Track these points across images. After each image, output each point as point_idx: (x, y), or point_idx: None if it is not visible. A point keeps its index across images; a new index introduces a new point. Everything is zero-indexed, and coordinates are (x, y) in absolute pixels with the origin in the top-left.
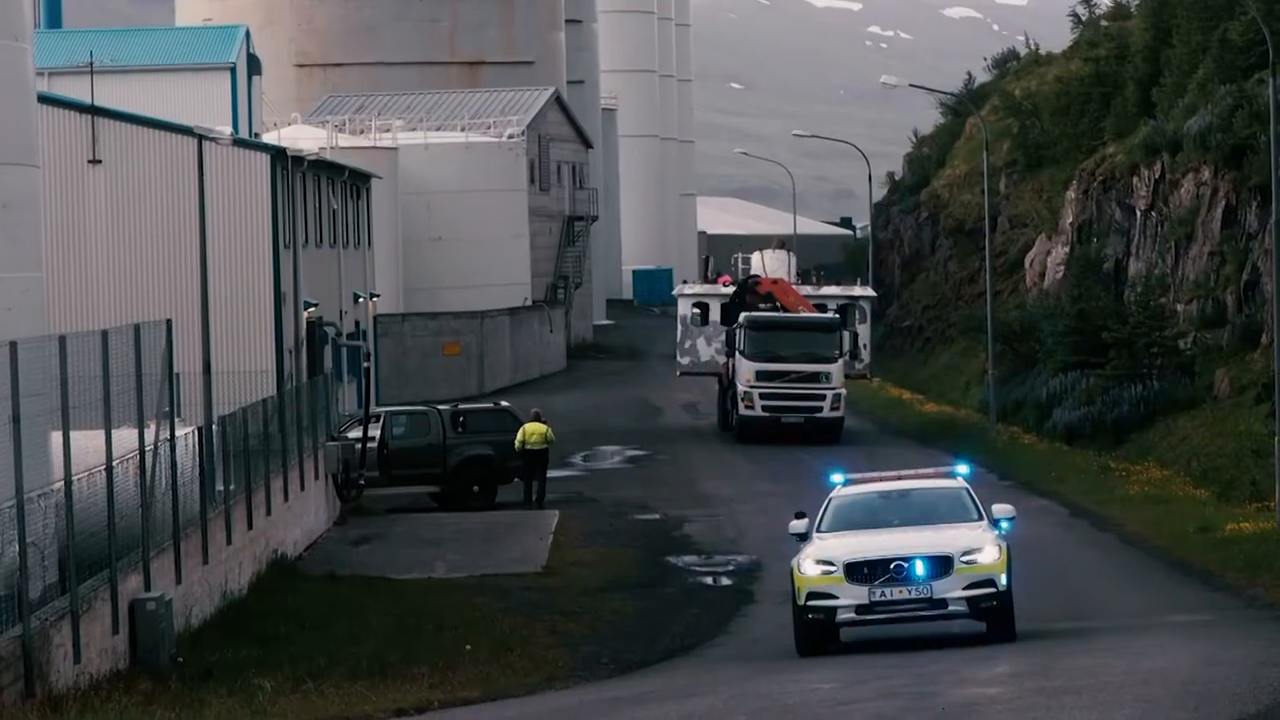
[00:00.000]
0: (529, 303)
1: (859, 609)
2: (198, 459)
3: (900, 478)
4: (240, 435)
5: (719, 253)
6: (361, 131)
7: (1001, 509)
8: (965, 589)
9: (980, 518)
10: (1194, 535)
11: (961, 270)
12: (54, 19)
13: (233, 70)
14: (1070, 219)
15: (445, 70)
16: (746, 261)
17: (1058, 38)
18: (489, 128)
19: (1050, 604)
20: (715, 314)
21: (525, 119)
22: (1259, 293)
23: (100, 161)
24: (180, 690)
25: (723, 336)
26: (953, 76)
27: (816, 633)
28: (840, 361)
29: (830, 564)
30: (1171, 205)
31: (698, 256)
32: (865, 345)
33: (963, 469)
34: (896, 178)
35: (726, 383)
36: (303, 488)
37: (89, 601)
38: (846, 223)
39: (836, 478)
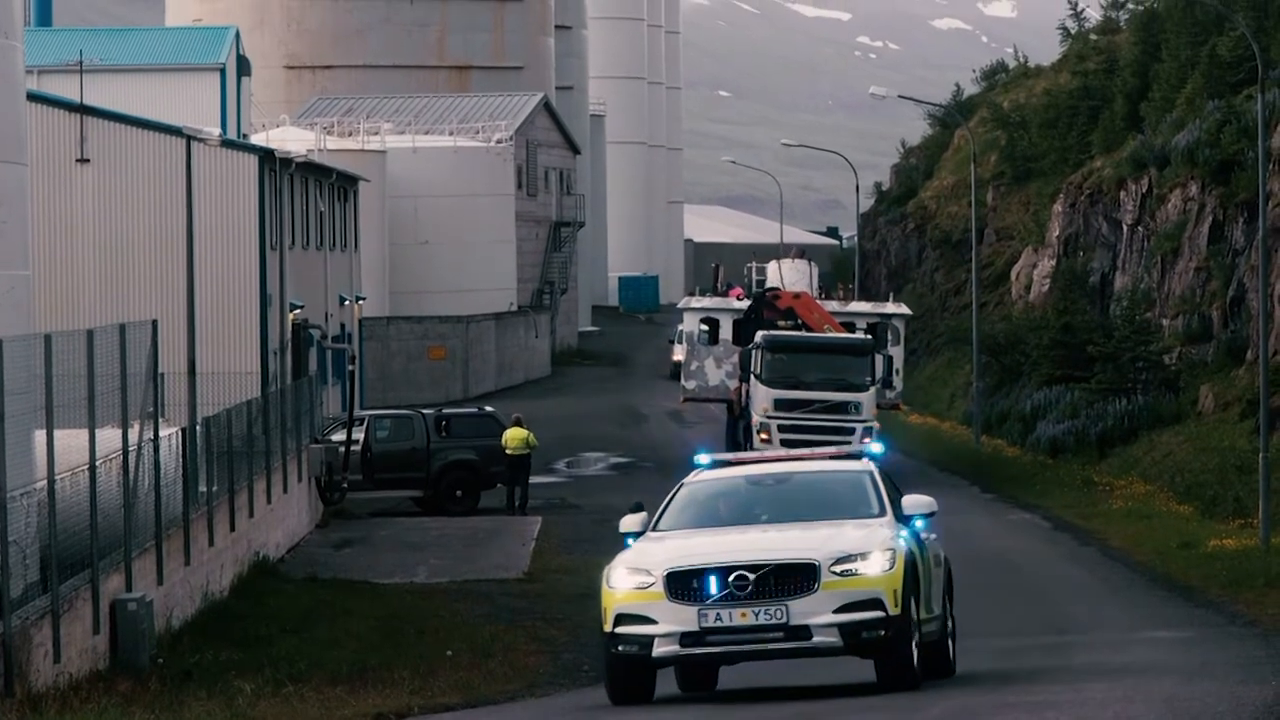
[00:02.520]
0: (515, 308)
1: (685, 639)
2: (181, 460)
3: (787, 458)
4: (224, 437)
5: (706, 261)
6: (350, 134)
7: (916, 502)
8: (837, 612)
9: (882, 512)
10: (1177, 551)
11: (948, 282)
12: (44, 17)
13: (222, 71)
14: (1057, 232)
15: (434, 74)
16: (761, 272)
17: (1046, 51)
18: (477, 132)
19: (1032, 618)
20: (726, 332)
21: (513, 124)
22: (1244, 309)
23: (88, 160)
24: (160, 691)
25: (735, 358)
26: (941, 88)
27: (629, 673)
28: (872, 390)
29: (647, 574)
30: (1158, 220)
31: (684, 264)
32: (898, 371)
33: (876, 447)
34: (884, 188)
35: (738, 411)
36: (286, 490)
37: (70, 601)
38: (833, 233)
39: (702, 458)
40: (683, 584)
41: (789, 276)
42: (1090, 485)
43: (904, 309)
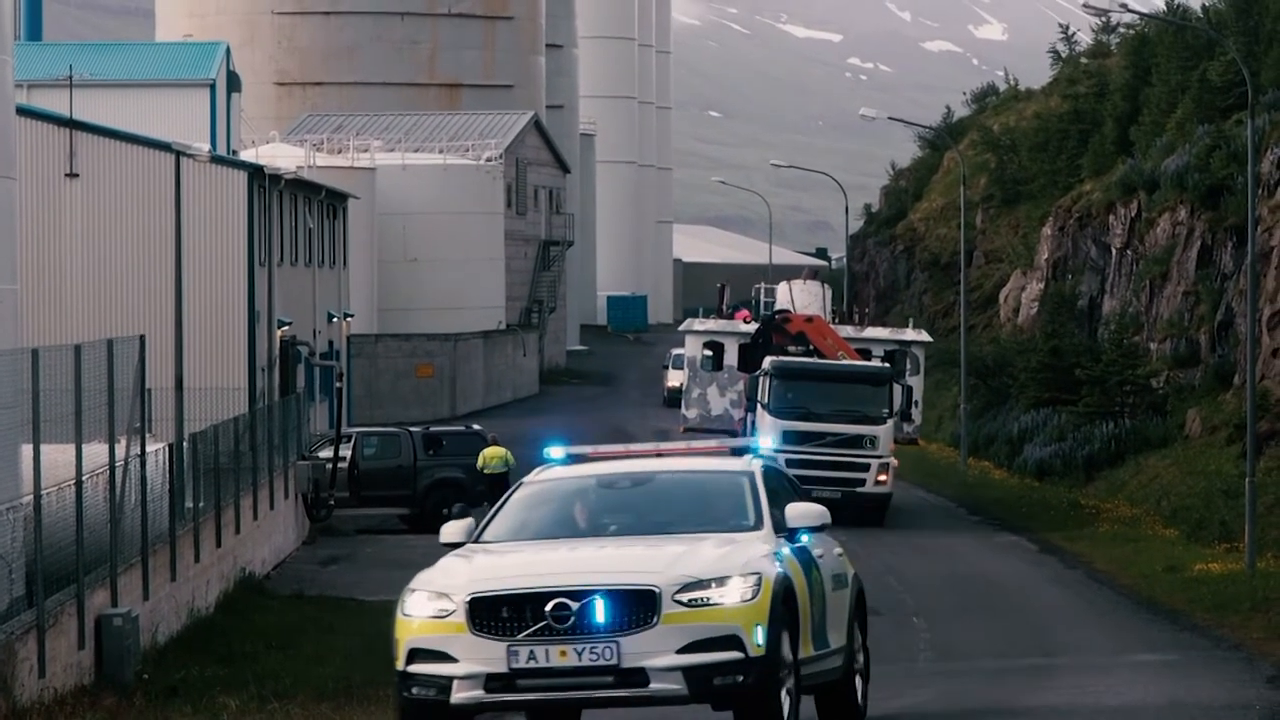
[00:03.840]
0: (503, 326)
1: (490, 683)
2: (168, 475)
3: (658, 453)
4: (211, 453)
5: (695, 281)
6: (339, 151)
7: (802, 512)
8: (682, 652)
9: (758, 524)
10: (1163, 574)
11: (936, 304)
12: (34, 32)
13: (212, 87)
14: (1046, 255)
15: (424, 92)
16: (770, 294)
17: (1037, 74)
18: (467, 150)
19: (1017, 641)
20: (732, 357)
21: (503, 142)
22: (1232, 333)
23: (77, 175)
24: (145, 707)
25: (740, 386)
26: (931, 110)
27: None
28: (889, 423)
29: (449, 600)
30: (1147, 244)
31: (673, 284)
32: (918, 402)
33: (765, 441)
34: (873, 210)
35: None
36: (272, 507)
37: (55, 616)
38: (822, 254)
39: (554, 451)
40: (489, 613)
41: (800, 299)
42: (1077, 508)
43: (924, 336)
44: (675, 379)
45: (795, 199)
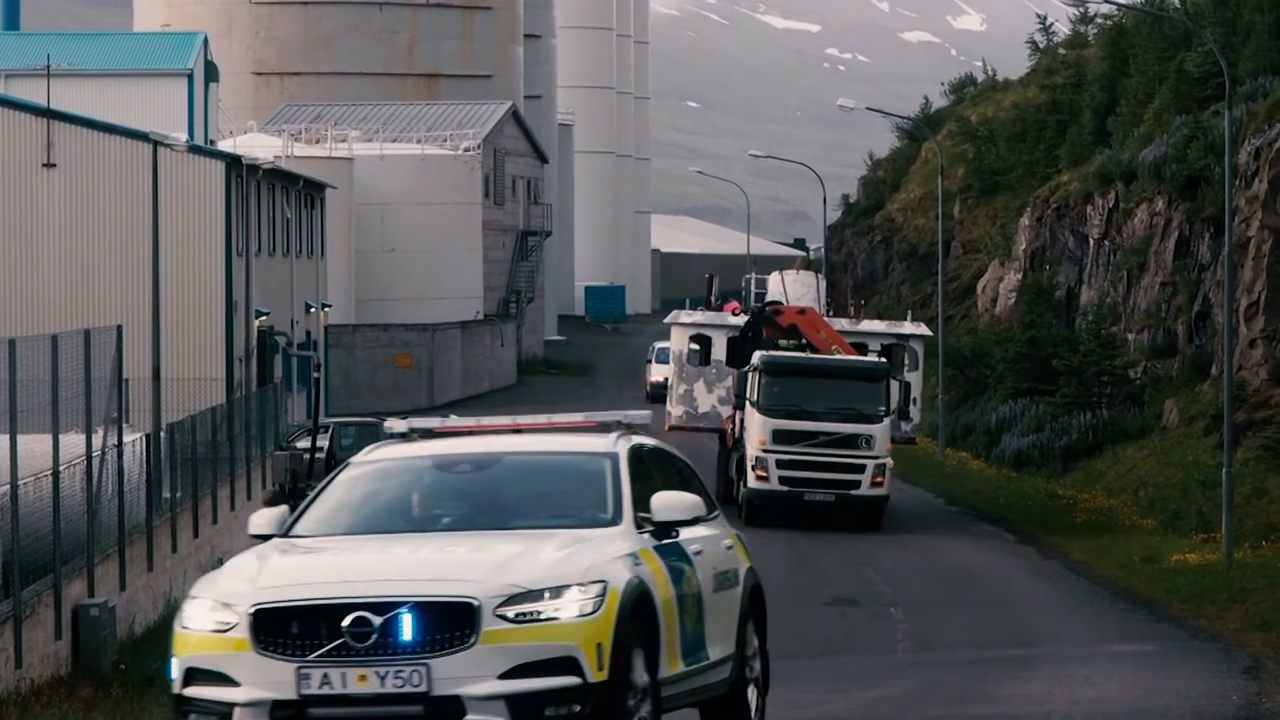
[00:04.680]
0: (481, 316)
1: (278, 711)
2: (145, 466)
3: (515, 429)
4: (188, 443)
5: (673, 273)
6: (317, 141)
7: (672, 503)
8: (506, 677)
9: (616, 518)
10: (1140, 565)
11: (914, 294)
12: (11, 21)
13: (190, 77)
14: (1023, 246)
15: (403, 82)
16: (761, 285)
17: (1015, 65)
18: (445, 140)
19: (995, 631)
20: (720, 351)
21: (481, 132)
22: (1210, 324)
23: (55, 165)
24: (122, 698)
25: (728, 382)
26: (910, 100)
27: None
28: (886, 421)
29: (231, 610)
30: (1124, 234)
31: (651, 274)
32: (916, 400)
33: (641, 414)
34: (851, 200)
35: (731, 443)
36: (250, 497)
37: (32, 606)
38: (800, 244)
39: (394, 424)
40: (277, 628)
41: (793, 290)
42: (1054, 499)
43: (923, 329)
44: (659, 373)
45: (773, 189)
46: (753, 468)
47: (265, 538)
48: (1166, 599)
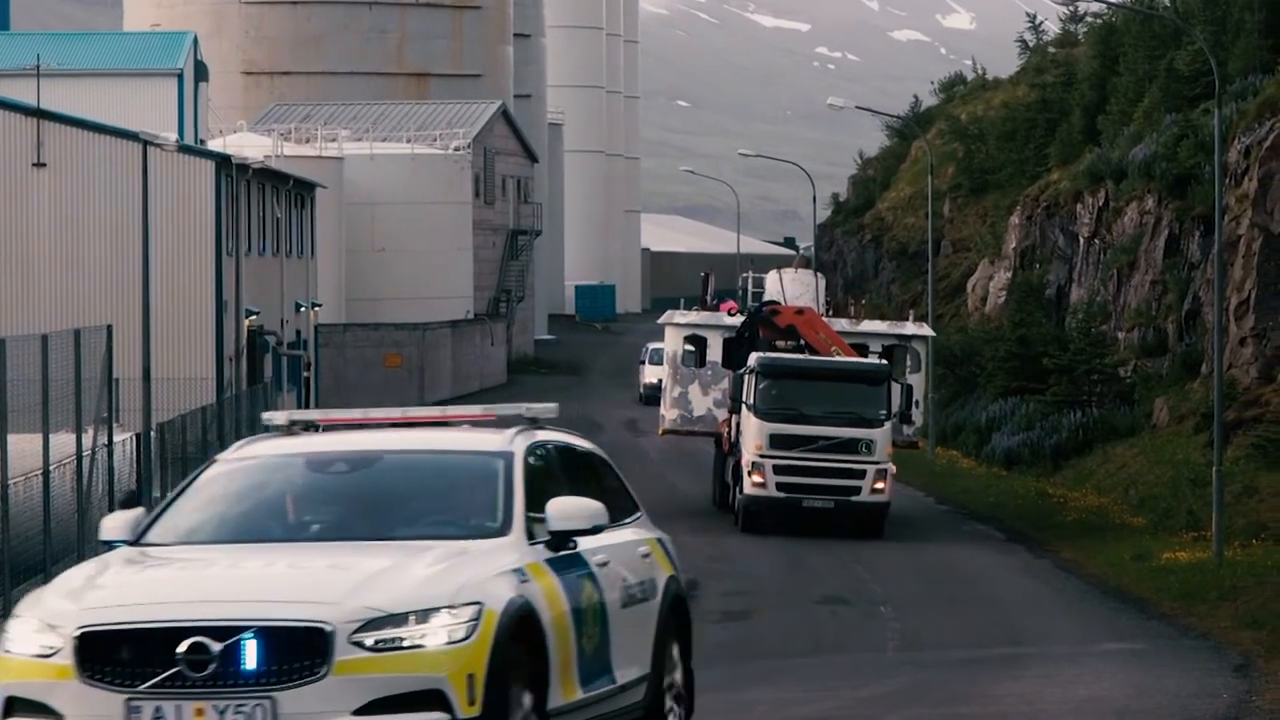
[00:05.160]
0: (471, 316)
1: None
2: (135, 465)
3: (405, 422)
4: (178, 442)
5: (663, 272)
6: (307, 140)
7: (571, 510)
8: (361, 713)
9: (506, 527)
10: (1130, 563)
11: (904, 293)
12: (1, 21)
13: (180, 77)
14: (1013, 244)
15: (392, 81)
16: (759, 284)
17: (1005, 63)
18: (435, 139)
19: (986, 630)
20: (715, 353)
21: (471, 132)
22: (1200, 322)
23: (45, 165)
24: None
25: (724, 384)
26: (899, 99)
27: None
28: (887, 425)
29: (57, 634)
30: (1114, 233)
31: (641, 273)
32: (918, 403)
33: (547, 407)
34: (841, 199)
35: (728, 448)
36: None
37: None
38: (790, 243)
39: (273, 416)
40: (105, 654)
41: (790, 289)
42: (1044, 497)
43: (926, 330)
44: (652, 375)
45: (763, 188)
46: (749, 473)
47: (116, 544)
48: (1157, 597)
